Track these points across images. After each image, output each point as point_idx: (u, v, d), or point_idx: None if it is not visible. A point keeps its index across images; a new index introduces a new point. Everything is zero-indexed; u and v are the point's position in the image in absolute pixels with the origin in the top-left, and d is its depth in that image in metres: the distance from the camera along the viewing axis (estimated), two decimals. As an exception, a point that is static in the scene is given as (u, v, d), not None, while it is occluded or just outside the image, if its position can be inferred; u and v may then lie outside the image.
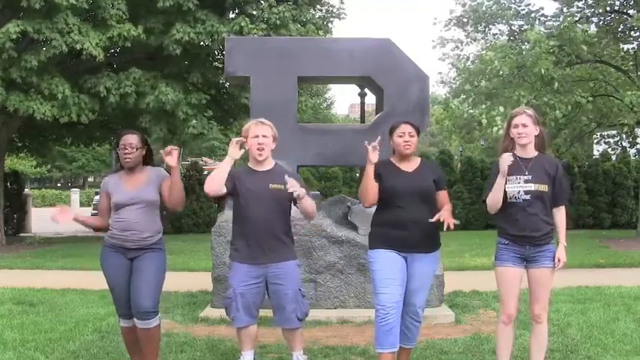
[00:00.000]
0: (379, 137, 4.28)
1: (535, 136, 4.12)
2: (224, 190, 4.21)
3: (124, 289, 4.23)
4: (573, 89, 14.72)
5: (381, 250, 4.18)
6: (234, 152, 4.21)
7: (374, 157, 4.13)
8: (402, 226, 4.13)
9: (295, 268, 4.33)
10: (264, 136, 4.26)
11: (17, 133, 17.18)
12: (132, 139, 4.20)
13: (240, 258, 4.27)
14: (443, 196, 4.27)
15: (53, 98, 12.94)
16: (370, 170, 4.17)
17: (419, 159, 4.35)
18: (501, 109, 13.02)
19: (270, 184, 4.22)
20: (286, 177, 4.17)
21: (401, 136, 4.21)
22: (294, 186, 4.08)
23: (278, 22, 13.75)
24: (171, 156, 4.09)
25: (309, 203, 4.24)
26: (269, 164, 4.35)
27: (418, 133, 4.28)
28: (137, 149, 4.20)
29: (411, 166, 4.26)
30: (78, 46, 12.41)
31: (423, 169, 4.27)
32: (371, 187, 4.17)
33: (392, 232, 4.15)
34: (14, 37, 11.86)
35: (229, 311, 4.28)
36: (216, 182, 4.18)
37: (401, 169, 4.24)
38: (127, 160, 4.18)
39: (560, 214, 4.13)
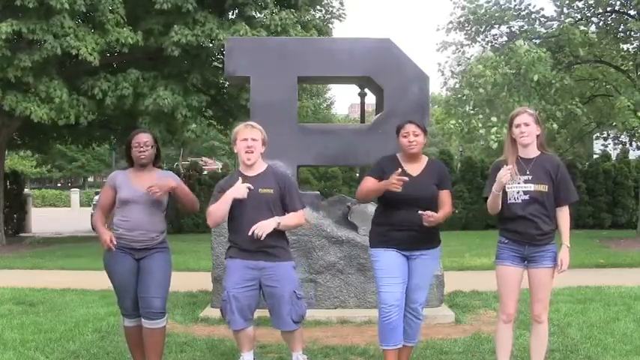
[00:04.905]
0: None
1: (536, 135, 4.10)
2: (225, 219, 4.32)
3: (131, 289, 4.24)
4: (573, 91, 14.66)
5: (382, 250, 4.21)
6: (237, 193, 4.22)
7: (395, 187, 3.98)
8: (402, 228, 4.14)
9: (290, 270, 4.30)
10: (253, 140, 4.27)
11: (17, 132, 17.16)
12: (145, 138, 4.31)
13: (233, 253, 4.29)
14: (444, 196, 4.22)
15: (51, 101, 12.92)
16: (381, 188, 4.10)
17: (426, 159, 4.33)
18: (494, 119, 13.00)
19: (260, 189, 4.22)
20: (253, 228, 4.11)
21: (405, 136, 4.21)
22: (260, 228, 4.09)
23: (279, 29, 13.69)
24: (168, 184, 4.23)
25: (290, 224, 4.28)
26: (259, 167, 4.35)
27: (424, 131, 4.27)
28: (151, 147, 4.30)
29: (416, 168, 4.24)
30: (73, 51, 12.39)
31: (427, 172, 4.24)
32: (371, 194, 4.23)
33: (392, 232, 4.17)
34: (4, 36, 11.81)
35: (224, 314, 4.28)
36: (219, 216, 4.27)
37: (406, 171, 4.20)
38: (143, 157, 4.27)
39: (562, 214, 4.08)
